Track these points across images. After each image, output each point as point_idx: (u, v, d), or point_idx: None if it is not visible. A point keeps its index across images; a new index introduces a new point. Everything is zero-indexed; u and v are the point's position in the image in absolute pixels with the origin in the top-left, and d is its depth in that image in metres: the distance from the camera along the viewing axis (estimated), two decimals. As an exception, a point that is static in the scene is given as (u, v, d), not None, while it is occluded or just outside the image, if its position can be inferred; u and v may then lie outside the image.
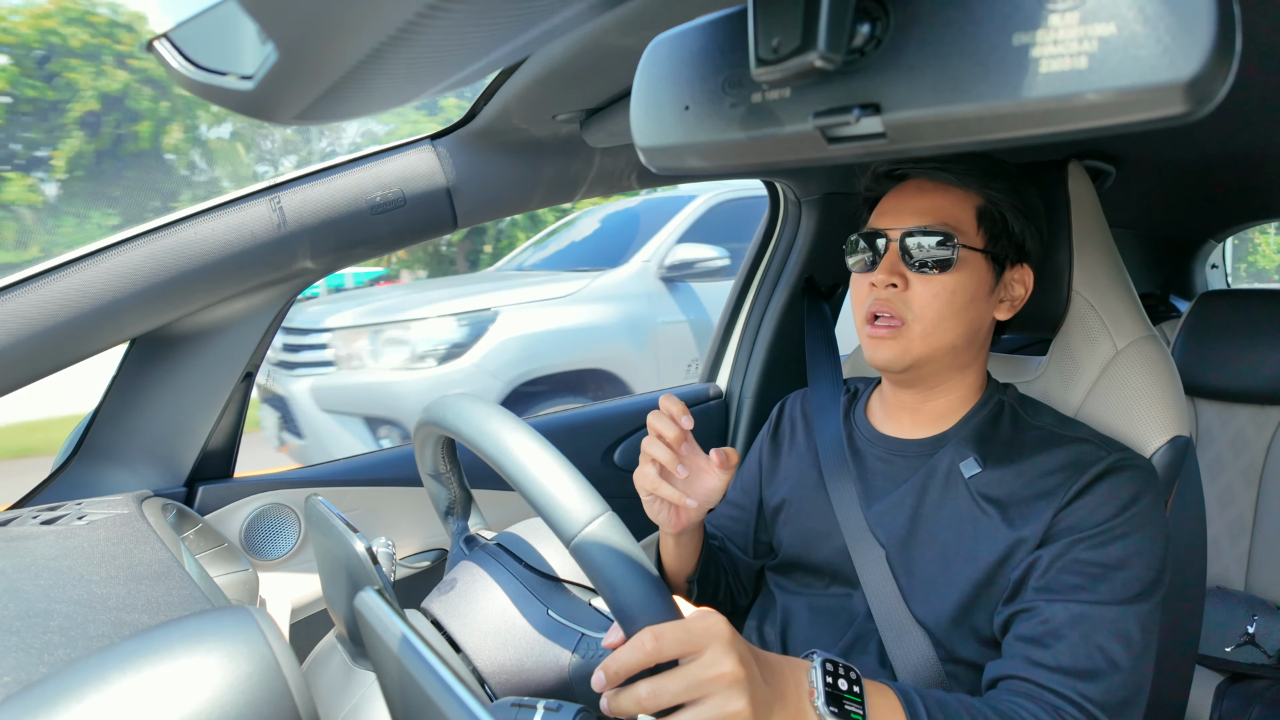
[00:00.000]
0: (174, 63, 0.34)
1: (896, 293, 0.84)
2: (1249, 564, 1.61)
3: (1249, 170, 1.58)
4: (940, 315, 0.84)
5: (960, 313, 0.84)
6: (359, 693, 0.78)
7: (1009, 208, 0.86)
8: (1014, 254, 0.88)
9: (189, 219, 0.96)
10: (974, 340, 0.88)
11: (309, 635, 1.11)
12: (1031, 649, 0.74)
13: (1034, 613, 0.75)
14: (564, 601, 0.81)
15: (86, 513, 0.86)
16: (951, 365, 0.88)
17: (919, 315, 0.84)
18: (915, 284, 0.84)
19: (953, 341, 0.85)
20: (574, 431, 1.45)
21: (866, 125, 0.31)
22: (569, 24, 0.34)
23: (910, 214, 0.86)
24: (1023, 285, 0.90)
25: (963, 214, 0.85)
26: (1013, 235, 0.87)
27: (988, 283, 0.86)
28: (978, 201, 0.86)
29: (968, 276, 0.84)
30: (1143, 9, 0.24)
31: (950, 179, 0.86)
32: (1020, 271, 0.90)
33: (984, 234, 0.86)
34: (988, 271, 0.86)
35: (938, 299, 0.83)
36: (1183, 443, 0.89)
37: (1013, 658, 0.75)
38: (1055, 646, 0.72)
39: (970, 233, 0.85)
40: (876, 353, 0.86)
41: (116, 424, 1.04)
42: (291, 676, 0.42)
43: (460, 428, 0.74)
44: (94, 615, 0.58)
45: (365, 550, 0.73)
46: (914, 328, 0.84)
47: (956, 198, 0.86)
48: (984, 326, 0.89)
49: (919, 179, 0.88)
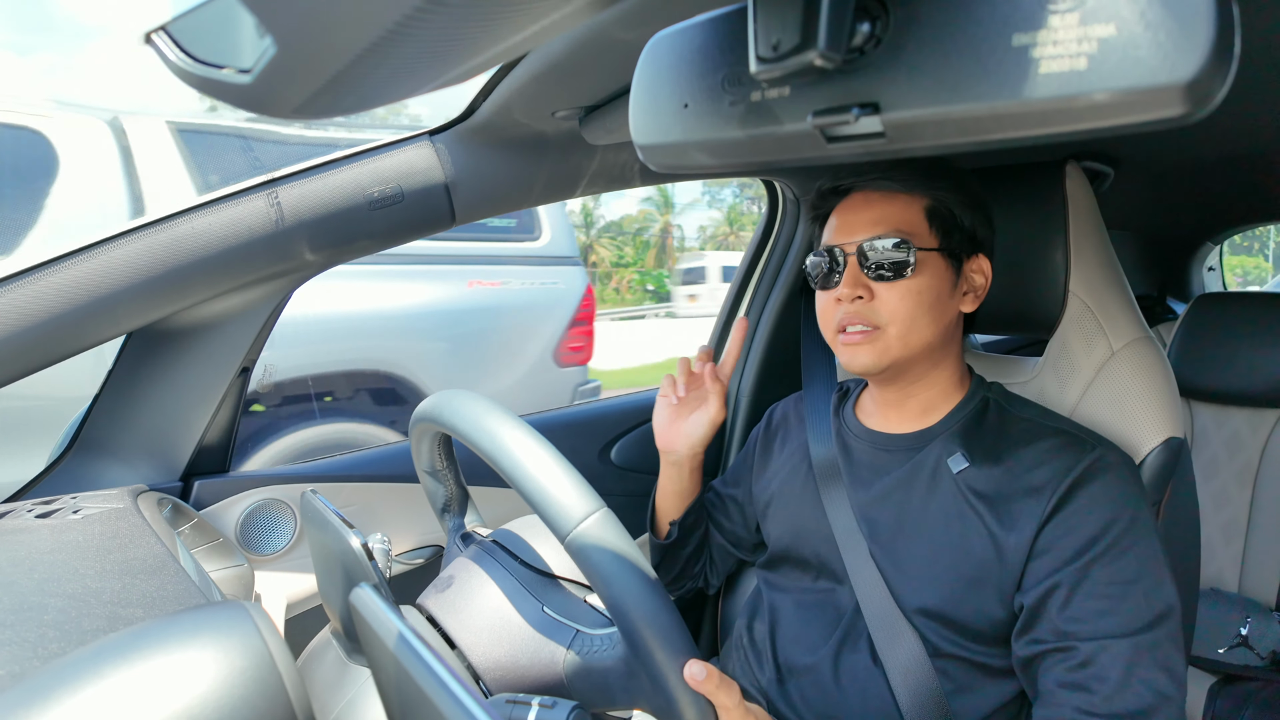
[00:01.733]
0: (172, 55, 0.34)
1: (864, 304, 0.86)
2: (1243, 566, 1.62)
3: (1247, 172, 1.58)
4: (912, 315, 0.85)
5: (930, 310, 0.85)
6: (354, 688, 0.78)
7: (956, 203, 0.87)
8: (968, 246, 0.89)
9: (186, 213, 0.96)
10: (945, 334, 0.89)
11: (304, 631, 1.11)
12: (1078, 696, 0.72)
13: (1071, 654, 0.74)
14: (559, 598, 0.81)
15: (81, 507, 0.85)
16: (927, 360, 0.90)
17: (891, 319, 0.85)
18: (880, 292, 0.85)
19: (929, 340, 0.86)
20: (570, 429, 1.45)
21: (865, 124, 0.31)
22: (569, 20, 0.33)
23: (862, 225, 0.87)
24: (982, 274, 0.91)
25: (913, 217, 0.86)
26: (964, 229, 0.88)
27: (949, 279, 0.87)
28: (925, 203, 0.87)
29: (929, 276, 0.85)
30: (1143, 11, 0.24)
31: (895, 186, 0.87)
32: (977, 261, 0.91)
33: (937, 233, 0.87)
34: (947, 268, 0.87)
35: (905, 300, 0.84)
36: (1177, 444, 0.90)
37: (1059, 705, 0.73)
38: (1103, 690, 0.72)
39: (923, 234, 0.86)
40: (854, 359, 0.87)
41: (112, 418, 1.04)
42: (286, 672, 0.42)
43: (457, 424, 0.74)
44: (88, 610, 0.58)
45: (361, 546, 0.73)
46: (889, 331, 0.85)
47: (904, 203, 0.87)
48: (952, 320, 0.90)
49: (865, 190, 0.89)
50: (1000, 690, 0.83)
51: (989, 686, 0.83)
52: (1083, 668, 0.73)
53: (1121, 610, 0.73)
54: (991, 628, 0.81)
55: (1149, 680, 0.71)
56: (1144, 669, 0.71)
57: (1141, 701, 0.71)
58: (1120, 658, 0.72)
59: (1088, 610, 0.74)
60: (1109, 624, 0.73)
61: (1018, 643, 0.79)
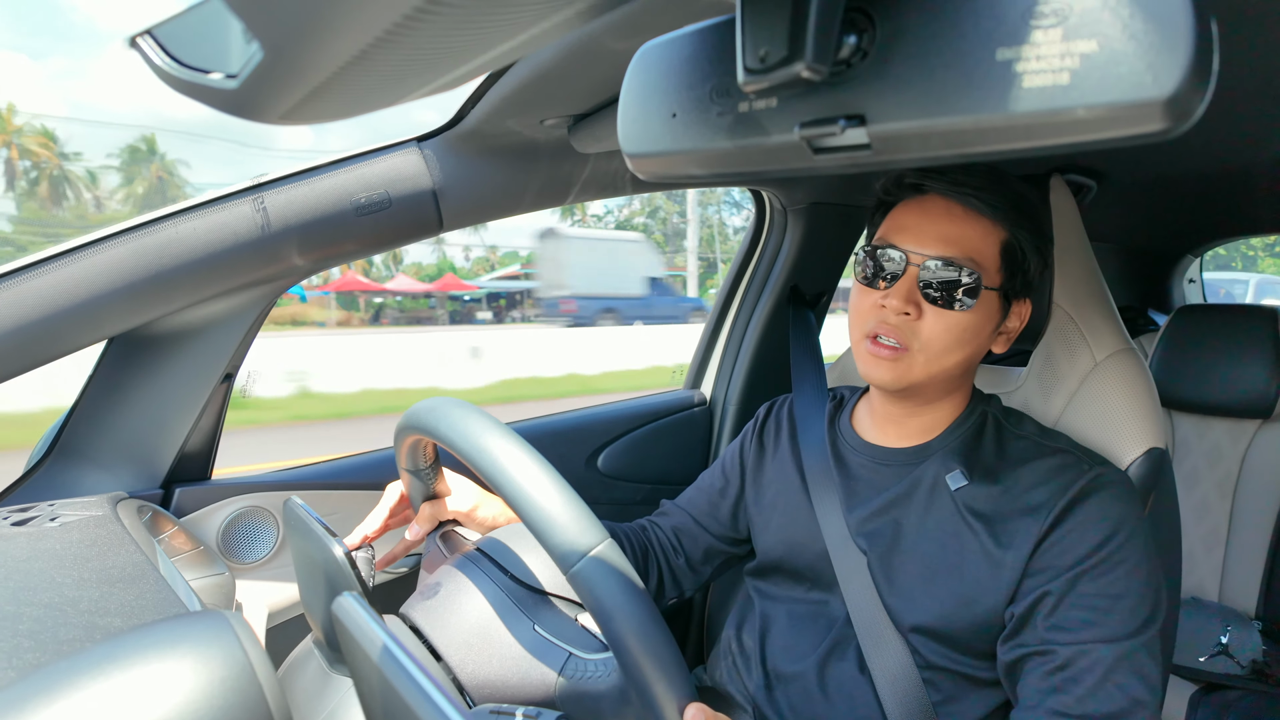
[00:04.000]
0: (157, 59, 0.34)
1: (907, 321, 0.82)
2: (1223, 575, 1.63)
3: (1227, 186, 1.61)
4: (946, 348, 0.82)
5: (965, 346, 0.83)
6: (335, 699, 0.77)
7: (1030, 245, 0.84)
8: (1023, 290, 0.87)
9: (171, 217, 0.95)
10: (968, 368, 0.88)
11: (286, 640, 1.09)
12: (1053, 697, 0.73)
13: (1050, 656, 0.75)
14: (551, 617, 0.79)
15: (59, 514, 0.84)
16: (943, 388, 0.89)
17: (924, 345, 0.82)
18: (928, 315, 0.81)
19: (951, 371, 0.85)
20: (558, 437, 1.45)
21: (852, 136, 0.31)
22: (558, 29, 0.34)
23: (935, 240, 0.81)
24: (1019, 318, 0.88)
25: (988, 249, 0.81)
26: (1028, 272, 0.85)
27: (995, 319, 0.85)
28: (1003, 236, 0.82)
29: (980, 314, 0.82)
30: (1124, 27, 0.25)
31: (982, 208, 0.81)
32: (1023, 305, 0.88)
33: (1004, 272, 0.83)
34: (997, 309, 0.84)
35: (949, 334, 0.81)
36: (1159, 454, 0.90)
37: (1035, 707, 0.74)
38: (1077, 691, 0.72)
39: (992, 270, 0.82)
40: (874, 371, 0.84)
41: (92, 424, 1.03)
42: (266, 682, 0.41)
43: (453, 439, 0.72)
44: (65, 619, 0.57)
45: (344, 554, 0.73)
46: (917, 356, 0.82)
47: (984, 230, 0.81)
48: (979, 356, 0.88)
49: (947, 199, 0.82)
50: (986, 700, 0.84)
51: (976, 696, 0.84)
52: (1060, 670, 0.74)
53: (1106, 621, 0.74)
54: (982, 642, 0.81)
55: (1124, 685, 0.72)
56: (1120, 674, 0.72)
57: (1114, 705, 0.72)
58: (1099, 663, 0.73)
59: (1073, 619, 0.75)
60: (1091, 633, 0.74)
61: (1003, 648, 0.80)
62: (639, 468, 1.53)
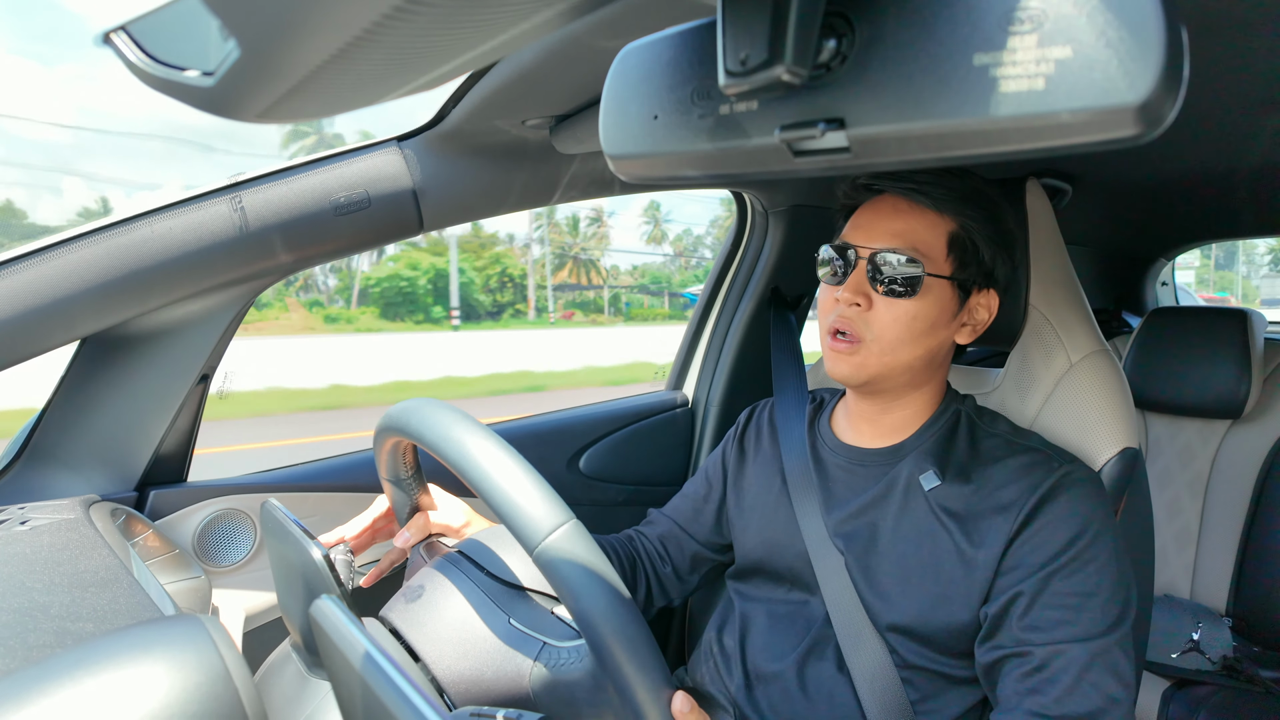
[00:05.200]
0: (132, 56, 0.33)
1: (859, 312, 0.85)
2: (1194, 573, 1.66)
3: (1199, 191, 1.64)
4: (898, 339, 0.84)
5: (918, 338, 0.85)
6: (313, 703, 0.76)
7: (982, 235, 0.86)
8: (981, 280, 0.89)
9: (147, 215, 0.94)
10: (931, 361, 0.89)
11: (263, 644, 1.08)
12: (1031, 699, 0.75)
13: (1026, 658, 0.76)
14: (526, 610, 0.80)
15: (30, 517, 0.83)
16: (909, 383, 0.90)
17: (877, 336, 0.85)
18: (879, 305, 0.85)
19: (909, 363, 0.86)
20: (539, 438, 1.44)
21: (831, 139, 0.31)
22: (540, 29, 0.33)
23: (882, 234, 0.85)
24: (987, 310, 0.90)
25: (934, 239, 0.85)
26: (982, 262, 0.87)
27: (950, 309, 0.87)
28: (950, 227, 0.85)
29: (931, 303, 0.85)
30: (1099, 34, 0.25)
31: (926, 202, 0.85)
32: (986, 296, 0.90)
33: (953, 261, 0.85)
34: (952, 298, 0.86)
35: (897, 323, 0.84)
36: (1132, 454, 0.92)
37: (1014, 709, 0.75)
38: (1054, 692, 0.74)
39: (939, 259, 0.85)
40: (835, 366, 0.88)
41: (64, 426, 1.01)
42: (243, 686, 0.41)
43: (423, 433, 0.73)
44: (35, 624, 0.56)
45: (322, 557, 0.72)
46: (871, 347, 0.85)
47: (930, 222, 0.85)
48: (942, 349, 0.90)
49: (895, 196, 0.87)
50: (963, 698, 0.85)
51: (953, 695, 0.85)
52: (1037, 672, 0.75)
53: (1079, 620, 0.75)
54: (958, 641, 0.82)
55: (1098, 684, 0.73)
56: (1094, 673, 0.74)
57: (1090, 704, 0.73)
58: (1074, 662, 0.74)
59: (1046, 619, 0.76)
60: (1065, 632, 0.75)
61: (980, 649, 0.80)
62: (621, 469, 1.53)
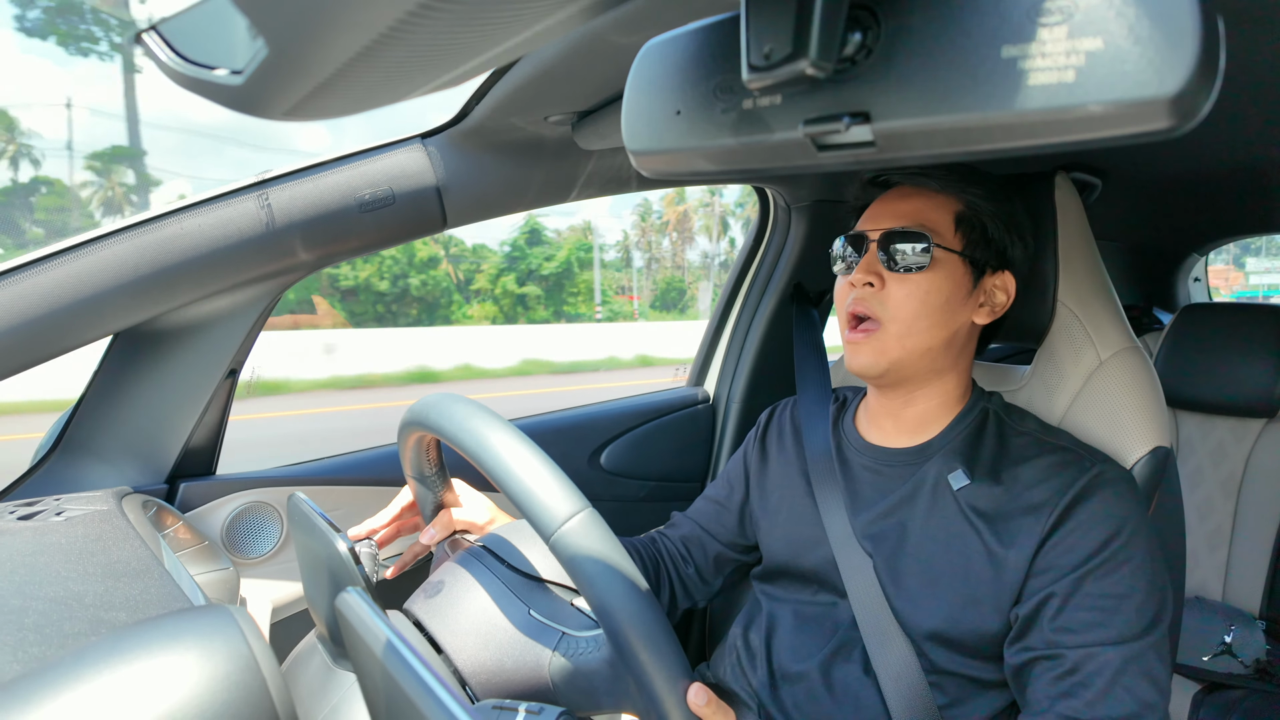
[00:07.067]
0: (163, 55, 0.34)
1: (873, 292, 0.86)
2: (1226, 574, 1.63)
3: (1233, 185, 1.60)
4: (915, 314, 0.85)
5: (935, 313, 0.85)
6: (339, 694, 0.77)
7: (988, 214, 0.88)
8: (994, 260, 0.89)
9: (175, 213, 0.95)
10: (951, 344, 0.89)
11: (289, 635, 1.10)
12: (1063, 702, 0.73)
13: (1058, 660, 0.75)
14: (546, 601, 0.80)
15: (65, 509, 0.84)
16: (930, 369, 0.89)
17: (894, 315, 0.85)
18: (891, 284, 0.86)
19: (929, 344, 0.86)
20: (560, 433, 1.45)
21: (856, 134, 0.31)
22: (563, 26, 0.34)
23: (890, 217, 0.88)
24: (1004, 292, 0.91)
25: (940, 217, 0.87)
26: (991, 241, 0.89)
27: (965, 286, 0.87)
28: (957, 207, 0.88)
29: (943, 278, 0.85)
30: (1130, 25, 0.25)
31: (930, 184, 0.89)
32: (1002, 278, 0.90)
33: (961, 237, 0.87)
34: (965, 275, 0.87)
35: (912, 298, 0.85)
36: (1164, 453, 0.90)
37: (1045, 712, 0.74)
38: (1086, 696, 0.72)
39: (947, 235, 0.87)
40: (855, 358, 0.88)
41: (98, 419, 1.03)
42: (270, 676, 0.41)
43: (443, 426, 0.74)
44: (70, 613, 0.57)
45: (348, 550, 0.73)
46: (889, 328, 0.85)
47: (936, 202, 0.88)
48: (962, 330, 0.89)
49: (902, 185, 0.91)
50: (992, 702, 0.83)
51: (982, 699, 0.83)
52: (1069, 675, 0.73)
53: (1112, 623, 0.74)
54: (989, 644, 0.81)
55: (1132, 688, 0.72)
56: (1129, 677, 0.72)
57: (1124, 709, 0.71)
58: (1107, 666, 0.72)
59: (1079, 621, 0.75)
60: (1098, 634, 0.74)
61: (1009, 650, 0.79)
62: (642, 465, 1.53)
